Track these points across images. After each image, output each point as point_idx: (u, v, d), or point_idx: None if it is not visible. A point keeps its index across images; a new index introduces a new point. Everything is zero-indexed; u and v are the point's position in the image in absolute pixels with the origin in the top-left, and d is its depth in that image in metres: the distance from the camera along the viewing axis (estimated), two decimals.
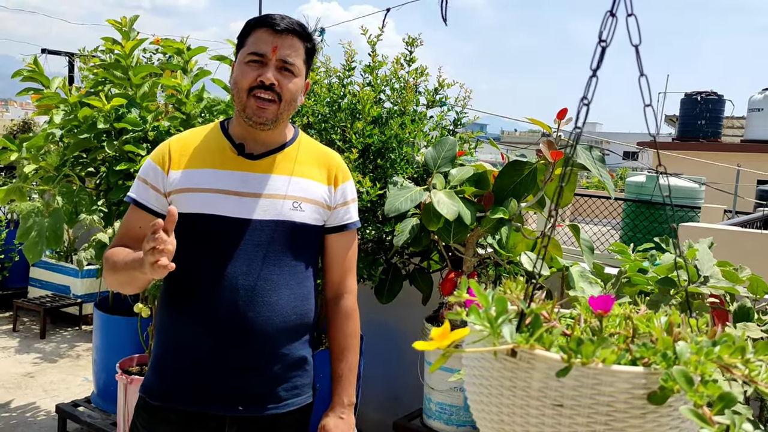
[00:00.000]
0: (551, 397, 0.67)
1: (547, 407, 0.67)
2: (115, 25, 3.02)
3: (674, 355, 0.64)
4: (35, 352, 4.52)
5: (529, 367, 0.68)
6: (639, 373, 0.66)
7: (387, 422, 3.03)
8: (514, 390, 0.69)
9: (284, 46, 1.50)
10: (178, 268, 1.54)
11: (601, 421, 0.66)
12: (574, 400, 0.66)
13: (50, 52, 6.14)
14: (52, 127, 3.01)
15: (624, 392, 0.66)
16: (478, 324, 0.70)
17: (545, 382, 0.67)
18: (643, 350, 0.66)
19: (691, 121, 17.29)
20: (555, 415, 0.67)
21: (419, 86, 2.85)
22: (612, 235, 9.98)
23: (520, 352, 0.68)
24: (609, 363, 0.65)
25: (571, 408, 0.66)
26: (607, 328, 0.76)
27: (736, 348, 0.64)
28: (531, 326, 0.70)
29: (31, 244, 2.62)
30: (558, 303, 1.15)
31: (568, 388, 0.66)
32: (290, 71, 1.51)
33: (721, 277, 1.95)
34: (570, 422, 0.67)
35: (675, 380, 0.61)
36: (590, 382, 0.66)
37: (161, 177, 1.54)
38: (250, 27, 1.54)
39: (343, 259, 1.67)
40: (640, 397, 0.66)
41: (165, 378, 1.55)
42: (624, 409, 0.66)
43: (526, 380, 0.68)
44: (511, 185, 2.56)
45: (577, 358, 0.64)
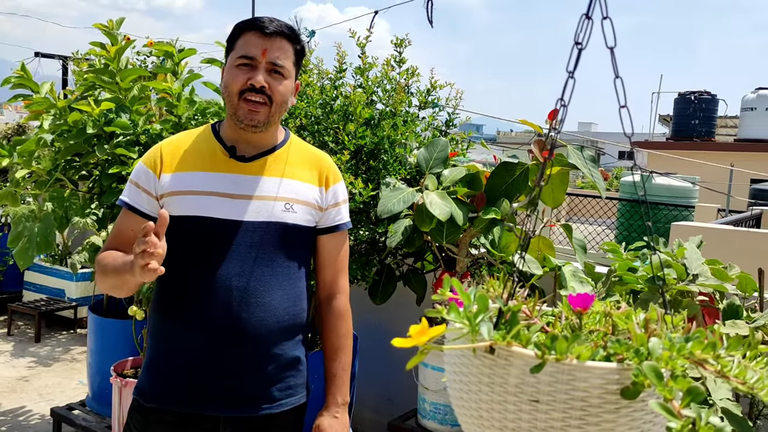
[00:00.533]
0: (528, 392, 0.68)
1: (524, 403, 0.68)
2: (102, 28, 3.02)
3: (647, 351, 0.65)
4: (30, 356, 4.52)
5: (506, 364, 0.69)
6: (612, 369, 0.67)
7: (382, 422, 3.04)
8: (492, 386, 0.70)
9: (273, 49, 1.51)
10: (171, 271, 1.55)
11: (576, 416, 0.67)
12: (549, 395, 0.67)
13: (44, 55, 6.13)
14: (42, 132, 3.01)
15: (598, 388, 0.66)
16: (457, 321, 0.70)
17: (522, 378, 0.68)
18: (617, 346, 0.67)
19: (685, 121, 17.35)
20: (531, 410, 0.68)
21: (411, 87, 2.86)
22: (607, 235, 10.00)
23: (497, 349, 0.69)
24: (583, 359, 0.66)
25: (547, 403, 0.67)
26: (587, 326, 0.76)
27: (708, 344, 0.65)
28: (508, 323, 0.71)
29: (21, 249, 2.62)
30: (548, 302, 1.16)
31: (544, 384, 0.67)
32: (280, 73, 1.52)
33: (709, 275, 1.96)
34: (546, 417, 0.68)
35: (645, 375, 0.62)
36: (565, 377, 0.66)
37: (153, 180, 1.55)
38: (239, 30, 1.55)
39: (335, 259, 1.68)
40: (613, 392, 0.67)
41: (159, 380, 1.55)
42: (598, 404, 0.67)
43: (504, 377, 0.69)
44: (503, 186, 2.57)
45: (551, 354, 0.65)
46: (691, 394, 0.59)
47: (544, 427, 0.68)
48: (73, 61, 5.01)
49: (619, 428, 0.68)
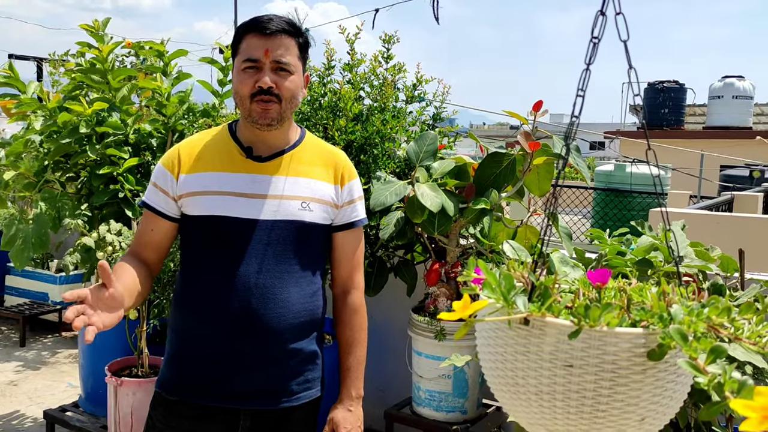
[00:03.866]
0: (562, 359, 0.74)
1: (558, 368, 0.75)
2: (88, 29, 3.02)
3: (669, 317, 0.71)
4: (16, 360, 4.49)
5: (540, 333, 0.76)
6: (639, 334, 0.73)
7: (378, 412, 3.10)
8: (528, 354, 0.76)
9: (276, 47, 1.53)
10: (192, 269, 1.59)
11: (607, 377, 0.74)
12: (582, 360, 0.74)
13: (18, 57, 6.05)
14: (30, 133, 3.00)
15: (626, 351, 0.73)
16: (493, 297, 0.76)
17: (556, 346, 0.74)
18: (642, 314, 0.74)
19: (655, 110, 17.66)
20: (566, 375, 0.74)
21: (398, 83, 2.92)
22: (583, 224, 10.18)
23: (532, 320, 0.75)
24: (613, 326, 0.72)
25: (580, 368, 0.74)
26: (604, 299, 0.83)
27: (723, 309, 0.71)
28: (541, 297, 0.77)
29: (17, 251, 2.62)
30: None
31: (577, 350, 0.74)
32: (286, 70, 1.54)
33: (694, 256, 2.05)
34: (579, 380, 0.74)
35: (672, 338, 0.68)
36: (596, 343, 0.73)
37: (171, 181, 1.58)
38: (240, 33, 1.57)
39: (351, 255, 1.70)
40: (640, 355, 0.73)
41: (181, 374, 1.59)
42: (627, 366, 0.73)
43: (539, 345, 0.75)
44: (492, 176, 2.64)
45: (584, 322, 0.71)
46: (714, 352, 0.66)
47: (577, 389, 0.74)
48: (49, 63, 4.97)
49: (646, 387, 0.74)
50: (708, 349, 0.66)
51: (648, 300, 0.78)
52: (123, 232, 2.80)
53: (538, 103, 2.69)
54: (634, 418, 0.76)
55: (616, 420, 0.76)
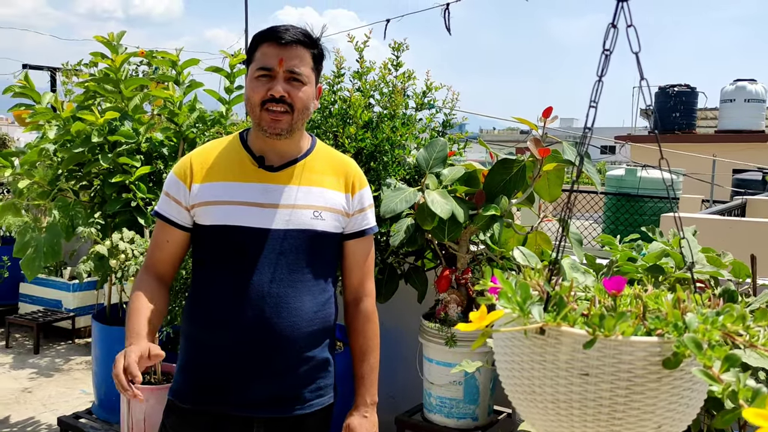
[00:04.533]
0: (578, 367, 0.75)
1: (574, 377, 0.75)
2: (103, 40, 3.06)
3: (684, 325, 0.71)
4: (30, 368, 4.52)
5: (556, 342, 0.76)
6: (654, 342, 0.74)
7: (389, 419, 3.10)
8: (544, 363, 0.77)
9: (290, 57, 1.54)
10: (204, 278, 1.60)
11: (623, 386, 0.74)
12: (598, 369, 0.74)
13: (32, 67, 6.12)
14: (45, 142, 3.04)
15: (642, 360, 0.74)
16: (508, 307, 0.77)
17: (572, 355, 0.75)
18: (657, 322, 0.74)
19: (666, 114, 17.57)
20: (582, 383, 0.75)
21: (407, 90, 2.93)
22: (594, 229, 10.13)
23: (547, 329, 0.76)
24: (627, 335, 0.73)
25: (596, 376, 0.74)
26: (620, 307, 0.83)
27: (738, 316, 0.71)
28: (557, 306, 0.77)
29: (28, 260, 2.65)
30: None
31: (593, 358, 0.74)
32: (299, 80, 1.55)
33: (705, 262, 2.04)
34: (595, 389, 0.75)
35: (686, 346, 0.68)
36: (612, 352, 0.74)
37: (183, 191, 1.59)
38: (256, 42, 1.58)
39: (362, 263, 1.71)
40: (655, 363, 0.74)
41: (194, 382, 1.60)
42: (642, 375, 0.74)
43: (555, 354, 0.76)
44: (502, 182, 2.64)
45: (600, 331, 0.72)
46: (729, 361, 0.66)
47: (594, 398, 0.75)
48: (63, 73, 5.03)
49: (662, 395, 0.75)
50: (722, 357, 0.66)
51: (664, 308, 0.79)
52: (135, 239, 2.82)
53: (547, 110, 2.69)
54: (651, 426, 0.76)
55: (633, 428, 0.76)
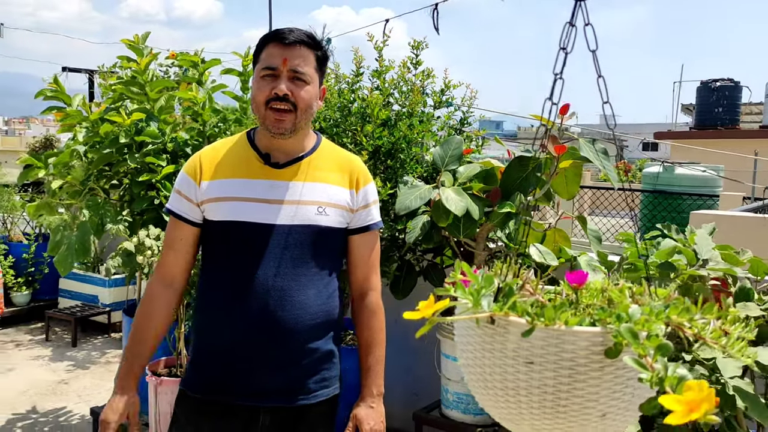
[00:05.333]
0: (523, 356, 0.77)
1: (520, 365, 0.78)
2: (128, 43, 3.16)
3: (627, 317, 0.73)
4: (68, 360, 4.69)
5: (504, 332, 0.79)
6: (596, 333, 0.76)
7: (407, 415, 3.13)
8: (494, 352, 0.79)
9: (294, 57, 1.58)
10: (213, 272, 1.66)
11: (566, 374, 0.76)
12: (542, 357, 0.76)
13: (71, 69, 6.34)
14: (76, 143, 3.15)
15: (584, 349, 0.75)
16: (463, 297, 0.79)
17: (518, 344, 0.77)
18: (601, 313, 0.76)
19: (708, 109, 17.16)
20: (527, 371, 0.77)
21: (426, 88, 2.95)
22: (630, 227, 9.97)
23: (497, 319, 0.78)
24: (571, 325, 0.75)
25: (540, 365, 0.77)
26: (585, 299, 0.85)
27: (682, 309, 0.72)
28: (505, 297, 0.80)
29: (61, 257, 2.76)
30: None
31: (537, 347, 0.76)
32: (302, 80, 1.59)
33: (720, 260, 2.02)
34: (540, 377, 0.77)
35: (623, 336, 0.70)
36: (555, 341, 0.76)
37: (193, 188, 1.65)
38: (262, 43, 1.63)
39: (366, 258, 1.75)
40: (598, 353, 0.75)
41: (203, 372, 1.66)
42: (585, 364, 0.76)
43: (503, 343, 0.78)
44: (518, 180, 2.64)
45: (540, 320, 0.74)
46: (660, 350, 0.68)
47: (538, 385, 0.77)
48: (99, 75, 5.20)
49: (605, 384, 0.76)
50: (655, 346, 0.67)
51: (617, 298, 0.80)
52: (161, 236, 2.91)
53: (564, 107, 2.67)
54: (595, 414, 0.78)
55: (577, 415, 0.78)
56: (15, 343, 5.08)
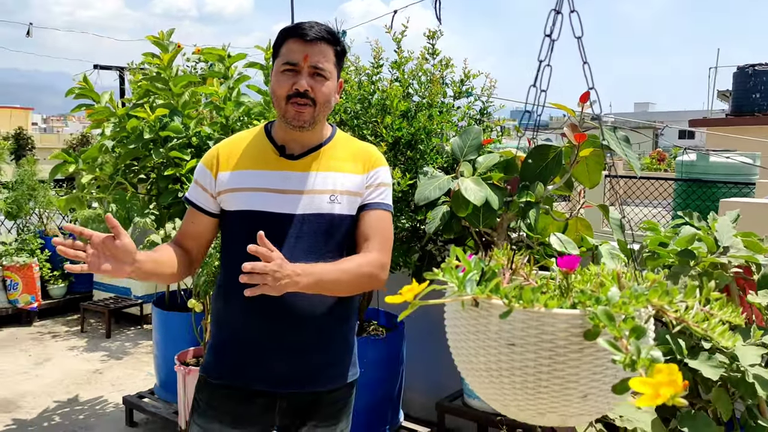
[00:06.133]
0: (505, 338, 0.79)
1: (502, 347, 0.79)
2: (153, 39, 3.22)
3: (606, 299, 0.73)
4: (102, 351, 4.82)
5: (487, 314, 0.80)
6: (575, 315, 0.76)
7: (430, 404, 3.15)
8: (477, 334, 0.81)
9: (314, 53, 1.61)
10: (230, 261, 1.70)
11: (546, 356, 0.77)
12: (523, 339, 0.78)
13: (102, 67, 6.48)
14: (104, 139, 3.23)
15: (563, 331, 0.76)
16: (449, 281, 0.81)
17: (500, 326, 0.79)
18: (580, 296, 0.76)
19: (745, 95, 16.72)
20: (509, 353, 0.78)
21: (446, 78, 2.95)
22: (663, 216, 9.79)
23: (481, 302, 0.79)
24: (550, 307, 0.76)
25: (521, 346, 0.78)
26: (577, 284, 0.85)
27: (663, 292, 0.73)
28: (488, 280, 0.81)
29: None
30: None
31: (518, 329, 0.78)
32: (322, 76, 1.62)
33: (741, 247, 1.98)
34: (521, 358, 0.78)
35: (600, 318, 0.71)
36: (535, 323, 0.77)
37: (210, 179, 1.70)
38: (282, 37, 1.65)
39: (367, 234, 1.68)
40: (577, 335, 0.76)
41: (222, 359, 1.70)
42: (564, 345, 0.77)
43: (486, 325, 0.80)
44: (537, 169, 2.63)
45: (517, 303, 0.75)
46: (635, 332, 0.68)
47: (520, 367, 0.78)
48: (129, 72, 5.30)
49: (585, 365, 0.77)
50: (630, 328, 0.68)
51: (600, 281, 0.80)
52: None
53: (585, 95, 2.64)
54: (576, 395, 0.79)
55: (558, 396, 0.79)
56: (52, 334, 5.24)
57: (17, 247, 5.46)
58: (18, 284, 5.31)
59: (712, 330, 0.71)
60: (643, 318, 0.75)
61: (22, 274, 5.32)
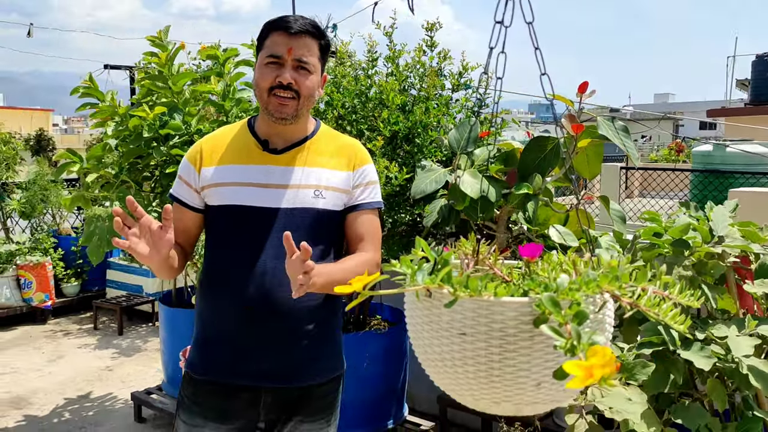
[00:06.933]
0: (456, 327, 0.78)
1: (454, 336, 0.78)
2: (151, 39, 3.24)
3: (555, 286, 0.72)
4: (113, 348, 4.88)
5: (439, 304, 0.79)
6: (524, 302, 0.76)
7: (434, 398, 3.14)
8: (431, 324, 0.81)
9: (298, 47, 1.61)
10: (213, 255, 1.71)
11: (496, 344, 0.77)
12: (473, 328, 0.77)
13: (113, 67, 6.54)
14: (107, 137, 3.26)
15: (513, 319, 0.76)
16: (405, 271, 0.80)
17: (451, 316, 0.78)
18: (530, 283, 0.75)
19: (765, 84, 16.44)
20: (461, 342, 0.78)
21: (444, 70, 2.93)
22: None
23: (433, 292, 0.79)
24: (500, 295, 0.75)
25: (472, 335, 0.77)
26: (543, 272, 0.84)
27: (613, 277, 0.72)
28: (440, 270, 0.80)
29: (93, 247, 2.86)
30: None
31: (468, 319, 0.77)
32: (306, 69, 1.62)
33: (738, 236, 1.95)
34: (473, 347, 0.77)
35: (544, 304, 0.70)
36: (485, 312, 0.76)
37: (194, 174, 1.71)
38: (267, 30, 1.66)
39: (361, 233, 1.70)
40: (527, 323, 0.75)
41: (205, 354, 1.71)
42: (514, 333, 0.76)
43: (438, 315, 0.79)
44: (536, 161, 2.61)
45: (462, 291, 0.74)
46: (578, 317, 0.67)
47: (472, 356, 0.78)
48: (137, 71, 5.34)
49: (536, 353, 0.76)
50: (573, 314, 0.67)
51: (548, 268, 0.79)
52: None
53: (583, 85, 2.62)
54: (530, 383, 0.78)
55: (512, 385, 0.78)
56: (65, 332, 5.31)
57: (31, 246, 5.54)
58: (32, 283, 5.39)
59: (665, 314, 0.70)
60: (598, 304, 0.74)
61: (36, 273, 5.40)
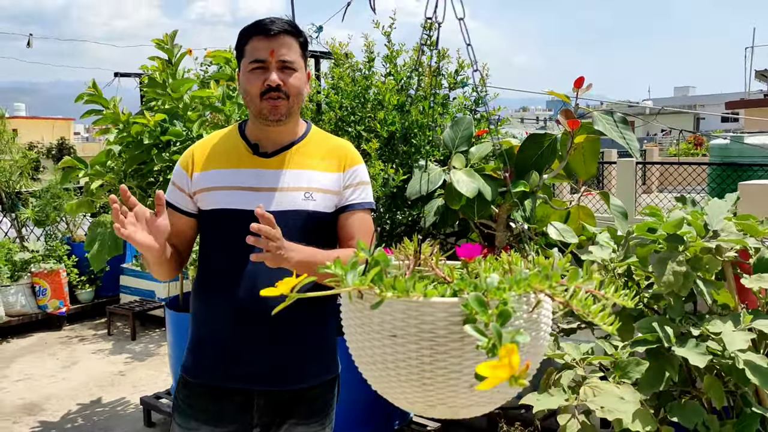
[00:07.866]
0: (387, 329, 0.77)
1: (385, 338, 0.77)
2: (157, 42, 3.27)
3: (485, 285, 0.71)
4: (126, 353, 4.92)
5: (371, 306, 0.78)
6: (454, 303, 0.74)
7: None
8: (363, 327, 0.79)
9: (280, 47, 1.62)
10: (206, 259, 1.72)
11: (427, 346, 0.75)
12: (404, 330, 0.76)
13: (122, 75, 6.62)
14: (110, 144, 3.30)
15: (443, 320, 0.74)
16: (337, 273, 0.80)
17: (382, 317, 0.77)
18: (460, 283, 0.74)
19: None
20: (392, 344, 0.77)
21: (441, 69, 2.92)
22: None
23: (365, 293, 0.78)
24: (429, 296, 0.74)
25: (403, 337, 0.76)
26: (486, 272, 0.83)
27: (543, 276, 0.70)
28: (369, 271, 0.79)
29: (95, 253, 2.90)
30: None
31: (399, 320, 0.76)
32: (290, 68, 1.64)
33: (733, 230, 1.92)
34: (404, 349, 0.76)
35: (471, 305, 0.68)
36: (414, 313, 0.75)
37: (186, 180, 1.72)
38: (245, 36, 1.67)
39: (352, 232, 1.70)
40: (457, 323, 0.74)
41: (198, 357, 1.72)
42: (445, 335, 0.74)
43: (369, 317, 0.78)
44: (532, 158, 2.59)
45: (390, 292, 0.73)
46: (501, 317, 0.66)
47: (403, 358, 0.77)
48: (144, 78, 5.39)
49: (467, 355, 0.75)
50: (498, 313, 0.65)
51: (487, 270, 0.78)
52: None
53: (579, 80, 2.59)
54: (462, 386, 0.77)
55: (444, 387, 0.77)
56: (79, 338, 5.38)
57: (45, 253, 5.61)
58: (47, 290, 5.46)
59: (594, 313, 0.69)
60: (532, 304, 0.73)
61: (50, 280, 5.47)
